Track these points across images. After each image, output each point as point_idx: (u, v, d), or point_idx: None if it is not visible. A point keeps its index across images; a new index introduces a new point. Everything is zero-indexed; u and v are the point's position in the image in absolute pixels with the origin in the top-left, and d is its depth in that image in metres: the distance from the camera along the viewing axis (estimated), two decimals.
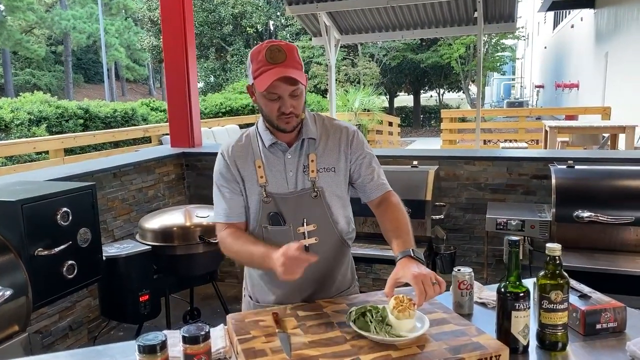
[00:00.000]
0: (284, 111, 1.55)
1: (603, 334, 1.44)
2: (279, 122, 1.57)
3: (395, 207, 1.69)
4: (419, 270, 1.42)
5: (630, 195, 2.74)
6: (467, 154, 3.88)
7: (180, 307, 3.68)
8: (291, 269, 1.41)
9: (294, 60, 1.53)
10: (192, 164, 4.45)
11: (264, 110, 1.59)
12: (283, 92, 1.53)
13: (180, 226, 3.06)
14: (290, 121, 1.57)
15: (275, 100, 1.54)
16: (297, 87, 1.54)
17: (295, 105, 1.56)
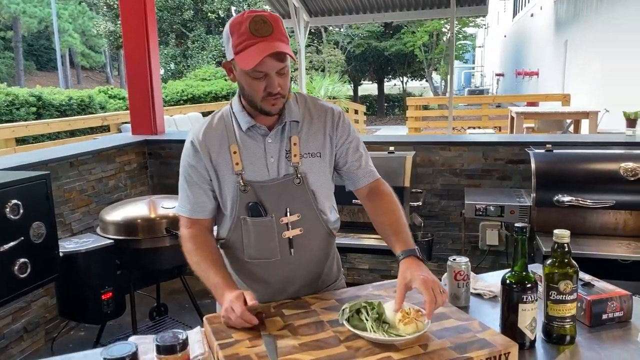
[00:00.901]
0: (270, 91, 1.38)
1: (609, 324, 1.36)
2: (264, 104, 1.41)
3: (388, 197, 1.56)
4: (428, 275, 1.30)
5: (609, 178, 2.70)
6: (443, 139, 3.80)
7: (146, 303, 3.48)
8: (231, 323, 1.28)
9: (280, 32, 1.36)
10: (155, 152, 4.21)
11: (246, 90, 1.42)
12: (270, 69, 1.36)
13: (145, 218, 2.86)
14: (277, 103, 1.41)
15: (260, 79, 1.38)
16: (285, 64, 1.38)
17: (283, 84, 1.40)
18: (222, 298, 1.36)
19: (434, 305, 1.23)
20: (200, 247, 1.48)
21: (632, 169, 2.68)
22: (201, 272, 1.44)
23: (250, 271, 1.54)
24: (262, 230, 1.48)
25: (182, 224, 1.54)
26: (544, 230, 2.79)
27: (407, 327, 1.19)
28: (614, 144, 3.29)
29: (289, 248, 1.50)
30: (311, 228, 1.52)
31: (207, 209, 1.52)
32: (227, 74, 1.46)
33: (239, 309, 1.26)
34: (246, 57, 1.34)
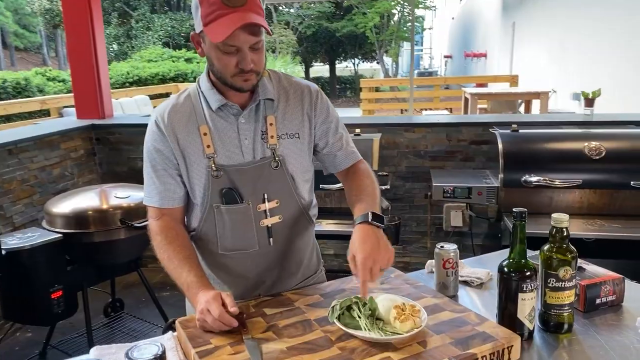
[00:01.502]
0: (243, 67, 1.24)
1: (602, 309, 1.32)
2: (235, 81, 1.27)
3: (364, 172, 1.47)
4: (372, 249, 1.21)
5: (575, 158, 2.71)
6: (408, 120, 3.74)
7: (99, 299, 3.26)
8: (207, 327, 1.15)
9: (254, 3, 1.22)
10: (104, 138, 3.94)
11: (215, 66, 1.28)
12: (243, 43, 1.22)
13: (96, 209, 2.64)
14: (250, 79, 1.27)
15: (232, 53, 1.23)
16: (260, 38, 1.24)
17: (256, 60, 1.26)
18: (195, 298, 1.22)
19: (366, 285, 1.18)
20: (172, 241, 1.34)
21: (596, 148, 2.69)
22: (173, 269, 1.30)
23: (225, 264, 1.41)
24: (238, 218, 1.35)
25: (151, 215, 1.40)
26: (511, 211, 2.78)
27: (403, 325, 1.10)
28: (576, 124, 3.32)
29: (267, 237, 1.38)
30: (291, 215, 1.40)
31: (177, 197, 1.38)
32: (195, 48, 1.31)
33: (216, 310, 1.14)
34: (216, 29, 1.19)
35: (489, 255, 1.78)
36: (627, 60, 6.25)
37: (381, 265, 1.20)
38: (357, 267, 1.19)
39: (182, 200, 1.39)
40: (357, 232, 1.26)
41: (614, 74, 6.56)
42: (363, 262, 1.18)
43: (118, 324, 3.16)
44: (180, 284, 1.29)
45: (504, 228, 2.79)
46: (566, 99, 7.91)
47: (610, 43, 6.85)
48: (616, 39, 6.67)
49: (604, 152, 2.68)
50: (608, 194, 2.66)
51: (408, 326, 1.10)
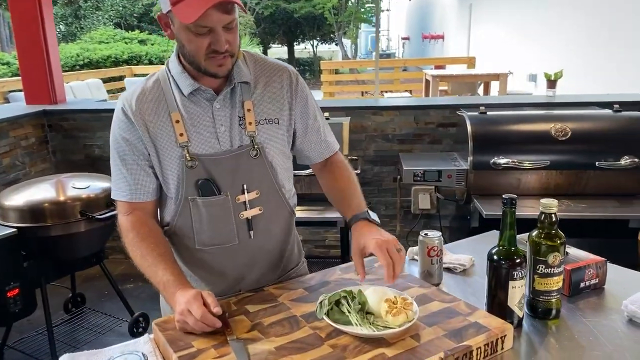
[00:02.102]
0: (217, 49, 1.15)
1: (585, 292, 1.33)
2: (209, 65, 1.18)
3: (343, 166, 1.45)
4: (381, 236, 1.21)
5: (542, 139, 2.74)
6: (375, 104, 3.70)
7: (59, 294, 3.11)
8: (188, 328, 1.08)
9: None
10: (57, 124, 3.73)
11: (187, 48, 1.18)
12: (216, 23, 1.13)
13: (53, 201, 2.49)
14: (225, 63, 1.19)
15: (204, 34, 1.14)
16: (234, 16, 1.16)
17: (231, 40, 1.17)
18: (173, 298, 1.14)
19: (392, 268, 1.16)
20: (145, 237, 1.24)
21: (562, 129, 2.73)
22: (147, 267, 1.21)
23: (203, 260, 1.33)
24: (216, 211, 1.27)
25: (120, 210, 1.30)
26: (480, 193, 2.80)
27: (396, 319, 1.06)
28: (540, 105, 3.37)
29: (247, 230, 1.31)
30: (272, 206, 1.33)
31: (148, 189, 1.29)
32: (163, 30, 1.21)
33: (197, 311, 1.06)
34: (186, 9, 1.10)
35: (468, 240, 1.77)
36: (582, 41, 6.41)
37: (395, 244, 1.20)
38: (375, 252, 1.18)
39: (154, 194, 1.30)
40: (359, 228, 1.26)
41: (570, 56, 6.72)
42: (379, 246, 1.18)
43: (80, 320, 3.02)
44: (155, 283, 1.20)
45: (473, 210, 2.81)
46: (523, 80, 8.08)
47: (566, 25, 7.00)
48: (572, 20, 6.83)
49: (570, 133, 2.72)
50: (574, 175, 2.71)
51: (400, 320, 1.06)
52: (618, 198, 2.70)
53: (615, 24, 5.61)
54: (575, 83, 5.80)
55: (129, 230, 1.26)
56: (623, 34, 5.40)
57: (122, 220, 1.28)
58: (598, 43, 6.01)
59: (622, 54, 5.40)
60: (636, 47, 5.13)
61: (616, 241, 2.78)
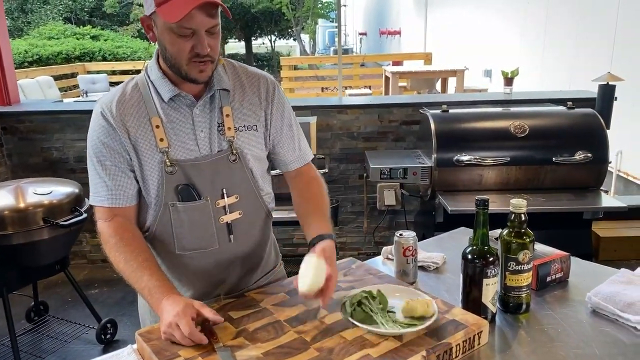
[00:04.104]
0: (199, 52, 1.16)
1: (551, 286, 1.40)
2: (190, 69, 1.18)
3: (316, 182, 1.43)
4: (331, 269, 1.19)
5: (502, 136, 2.85)
6: (340, 102, 3.73)
7: (21, 303, 3.01)
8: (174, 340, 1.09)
9: None
10: (12, 127, 3.59)
11: (169, 51, 1.18)
12: (199, 26, 1.14)
13: (13, 208, 2.41)
14: (205, 68, 1.19)
15: (187, 37, 1.15)
16: (217, 21, 1.17)
17: (213, 45, 1.18)
18: (158, 305, 1.14)
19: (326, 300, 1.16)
20: (129, 242, 1.23)
21: (520, 126, 2.84)
22: (131, 272, 1.20)
23: (183, 265, 1.33)
24: (196, 216, 1.28)
25: (100, 217, 1.28)
26: (444, 189, 2.89)
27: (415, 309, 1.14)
28: (499, 102, 3.49)
29: (228, 234, 1.32)
30: (251, 210, 1.35)
31: (129, 194, 1.28)
32: (146, 32, 1.22)
33: (186, 327, 1.06)
34: (171, 9, 1.11)
35: (437, 237, 1.83)
36: (536, 38, 6.64)
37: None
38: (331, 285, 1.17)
39: (135, 198, 1.29)
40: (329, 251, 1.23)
41: (524, 52, 6.96)
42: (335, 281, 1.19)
43: (44, 329, 2.93)
44: (139, 289, 1.19)
45: (437, 206, 2.89)
46: (478, 76, 8.32)
47: (520, 21, 7.24)
48: (525, 16, 7.06)
49: (528, 130, 2.83)
50: (532, 170, 2.83)
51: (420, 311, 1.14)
52: (573, 191, 2.84)
53: (567, 21, 5.85)
54: (530, 78, 6.02)
55: (111, 236, 1.24)
56: (575, 32, 5.64)
57: (103, 226, 1.27)
58: (551, 40, 6.25)
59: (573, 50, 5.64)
60: (586, 45, 5.37)
61: (572, 232, 2.93)
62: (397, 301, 1.20)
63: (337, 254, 1.28)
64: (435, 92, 7.70)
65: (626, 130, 4.14)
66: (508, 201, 2.85)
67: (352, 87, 10.94)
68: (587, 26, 5.37)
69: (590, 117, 2.91)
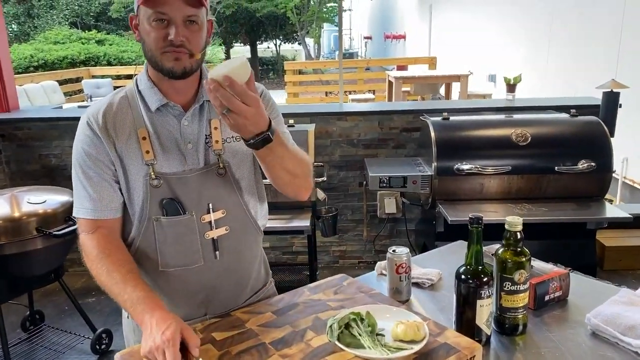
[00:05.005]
0: (172, 39, 1.13)
1: (550, 305, 1.35)
2: (164, 59, 1.15)
3: None
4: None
5: (503, 144, 2.79)
6: (339, 109, 3.69)
7: (16, 312, 2.99)
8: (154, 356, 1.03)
9: None
10: (11, 134, 3.58)
11: (146, 44, 1.17)
12: (175, 13, 1.12)
13: (7, 218, 2.38)
14: (181, 58, 1.15)
15: (163, 25, 1.13)
16: (196, 13, 1.14)
17: (189, 37, 1.15)
18: (141, 317, 1.09)
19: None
20: (111, 254, 1.19)
21: (522, 134, 2.79)
22: (114, 284, 1.15)
23: (167, 282, 1.29)
24: (180, 231, 1.24)
25: (83, 229, 1.24)
26: (444, 198, 2.84)
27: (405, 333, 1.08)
28: (501, 109, 3.44)
29: (213, 251, 1.27)
30: (238, 226, 1.30)
31: (114, 206, 1.24)
32: (133, 32, 1.20)
33: (171, 357, 1.00)
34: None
35: (436, 251, 1.78)
36: (540, 43, 6.58)
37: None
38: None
39: (119, 211, 1.25)
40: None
41: (528, 57, 6.90)
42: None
43: (39, 339, 2.90)
44: (122, 301, 1.14)
45: (438, 215, 2.84)
46: (483, 80, 8.26)
47: (524, 26, 7.19)
48: (529, 22, 7.01)
49: (530, 138, 2.78)
50: (534, 179, 2.77)
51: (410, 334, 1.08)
52: (576, 201, 2.78)
53: (571, 27, 5.79)
54: (534, 84, 5.96)
55: (93, 248, 1.20)
56: (579, 38, 5.58)
57: (85, 238, 1.23)
58: (555, 46, 6.19)
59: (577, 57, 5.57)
60: (590, 52, 5.30)
61: (576, 242, 2.87)
62: (387, 323, 1.15)
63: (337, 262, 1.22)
64: (439, 97, 7.65)
65: (631, 138, 4.08)
66: (510, 211, 2.81)
67: (355, 92, 10.91)
68: (591, 32, 5.31)
69: (594, 125, 2.85)
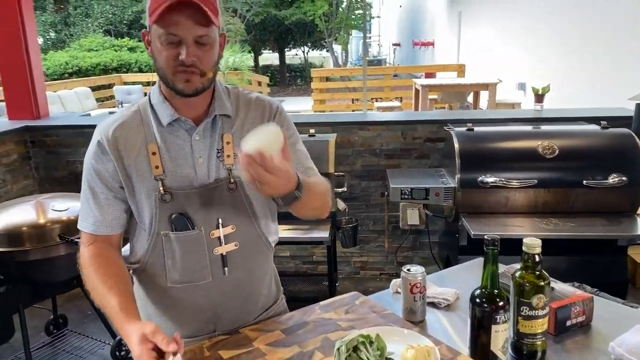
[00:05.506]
0: (183, 59, 1.12)
1: (572, 330, 1.29)
2: (176, 80, 1.15)
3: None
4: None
5: (529, 157, 2.71)
6: (361, 118, 3.67)
7: (40, 316, 3.04)
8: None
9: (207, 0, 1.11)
10: (40, 140, 3.66)
11: (158, 62, 1.16)
12: (185, 33, 1.11)
13: (32, 225, 2.43)
14: (192, 78, 1.14)
15: (174, 44, 1.12)
16: (207, 33, 1.13)
17: (201, 56, 1.14)
18: (120, 329, 1.10)
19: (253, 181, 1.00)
20: (100, 268, 1.20)
21: (549, 147, 2.71)
22: (100, 298, 1.17)
23: (175, 299, 1.28)
24: (189, 247, 1.23)
25: (83, 241, 1.27)
26: (468, 211, 2.77)
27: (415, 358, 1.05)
28: (528, 120, 3.35)
29: (222, 267, 1.26)
30: (248, 241, 1.29)
31: (114, 223, 1.25)
32: (146, 47, 1.20)
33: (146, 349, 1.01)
34: (156, 12, 1.10)
35: (452, 269, 1.73)
36: (571, 52, 6.42)
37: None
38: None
39: (120, 227, 1.27)
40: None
41: (559, 66, 6.74)
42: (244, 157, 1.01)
43: (62, 343, 2.95)
44: (107, 313, 1.16)
45: (461, 228, 2.77)
46: (512, 89, 8.10)
47: (555, 34, 7.03)
48: (559, 30, 6.85)
49: (557, 150, 2.69)
50: (561, 193, 2.68)
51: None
52: (606, 216, 2.67)
53: (604, 37, 5.63)
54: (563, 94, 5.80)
55: (85, 261, 1.23)
56: (611, 48, 5.42)
57: (84, 251, 1.25)
58: (587, 55, 6.02)
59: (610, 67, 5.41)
60: (623, 62, 5.14)
61: (605, 259, 2.76)
62: (397, 346, 1.11)
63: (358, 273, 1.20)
64: (467, 105, 7.53)
65: None
66: (536, 226, 2.73)
67: (382, 99, 10.86)
68: (624, 42, 5.14)
69: (625, 138, 2.74)
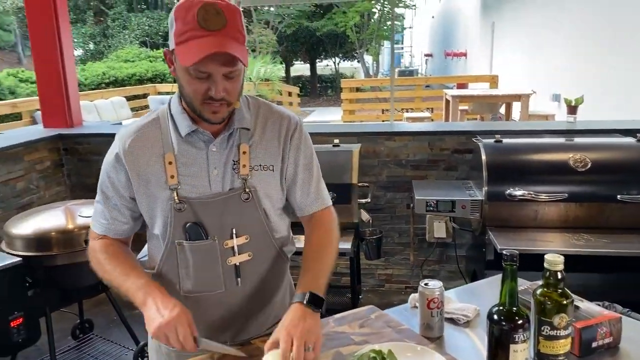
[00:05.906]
0: (212, 96, 1.12)
1: (598, 352, 1.23)
2: (203, 110, 1.16)
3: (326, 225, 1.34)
4: (302, 328, 1.10)
5: (560, 170, 2.63)
6: (387, 129, 3.63)
7: (67, 320, 3.10)
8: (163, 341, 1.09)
9: (235, 28, 1.11)
10: (72, 148, 3.76)
11: (185, 89, 1.16)
12: (215, 71, 1.11)
13: (60, 230, 2.48)
14: (220, 111, 1.16)
15: (203, 79, 1.12)
16: (235, 68, 1.13)
17: (230, 89, 1.14)
18: (143, 300, 1.13)
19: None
20: (115, 254, 1.26)
21: (581, 159, 2.62)
22: (117, 276, 1.21)
23: (188, 308, 1.28)
24: (203, 256, 1.23)
25: (92, 236, 1.32)
26: (495, 225, 2.70)
27: None
28: (560, 132, 3.26)
29: (235, 277, 1.26)
30: (262, 252, 1.28)
31: (122, 230, 1.30)
32: (167, 65, 1.20)
33: (183, 334, 1.08)
34: (187, 52, 1.08)
35: (477, 284, 1.68)
36: (606, 61, 6.24)
37: (306, 342, 1.07)
38: (281, 336, 1.08)
39: (127, 233, 1.32)
40: (290, 315, 1.14)
41: (594, 77, 6.56)
42: (287, 333, 1.08)
43: (87, 347, 3.00)
44: (124, 290, 1.18)
45: (488, 242, 2.70)
46: (546, 100, 7.92)
47: (590, 45, 6.85)
48: (595, 41, 6.67)
49: (589, 163, 2.60)
50: (594, 208, 2.59)
51: None
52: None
53: None
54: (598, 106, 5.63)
55: (96, 251, 1.28)
56: None
57: (93, 243, 1.30)
58: (622, 66, 5.84)
59: None
60: None
61: (638, 277, 2.64)
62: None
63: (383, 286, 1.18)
64: (499, 117, 7.40)
65: None
66: (567, 241, 2.63)
67: (413, 110, 10.78)
68: None
69: None
